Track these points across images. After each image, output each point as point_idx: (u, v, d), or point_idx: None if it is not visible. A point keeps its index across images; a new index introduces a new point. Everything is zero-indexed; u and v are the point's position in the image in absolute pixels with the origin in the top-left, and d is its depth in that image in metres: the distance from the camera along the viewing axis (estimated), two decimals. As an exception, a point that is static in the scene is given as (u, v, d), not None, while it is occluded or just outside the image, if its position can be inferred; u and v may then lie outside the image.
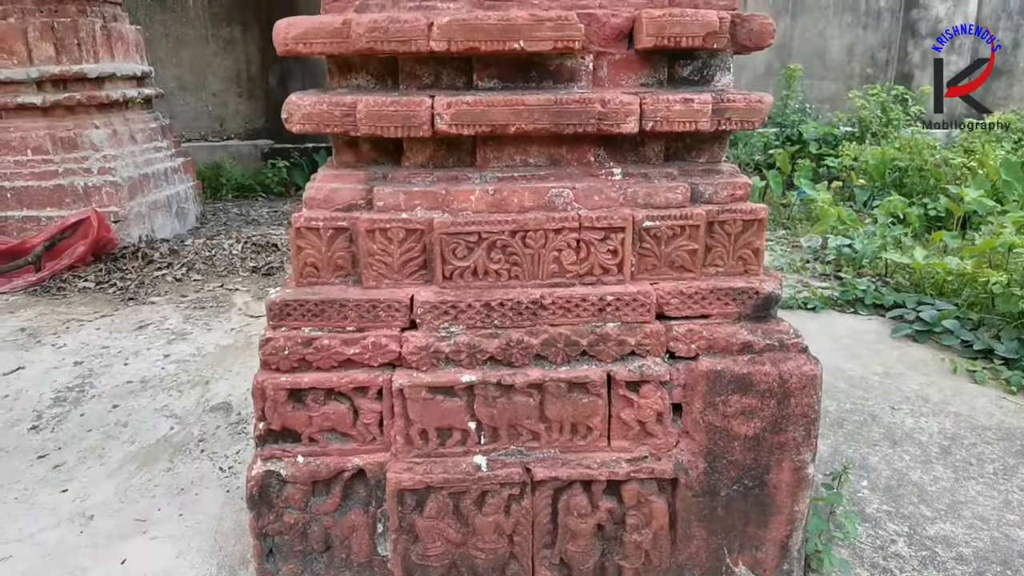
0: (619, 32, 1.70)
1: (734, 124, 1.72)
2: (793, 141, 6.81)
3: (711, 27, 1.64)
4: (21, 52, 4.83)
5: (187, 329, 3.76)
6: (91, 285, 4.46)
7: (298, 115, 1.67)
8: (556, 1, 1.67)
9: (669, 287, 1.79)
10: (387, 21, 1.58)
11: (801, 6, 7.25)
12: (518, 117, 1.65)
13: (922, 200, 5.49)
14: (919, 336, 3.66)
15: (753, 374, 1.77)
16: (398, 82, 1.75)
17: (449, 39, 1.59)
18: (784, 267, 4.72)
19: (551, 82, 1.74)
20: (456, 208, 1.74)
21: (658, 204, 1.77)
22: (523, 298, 1.75)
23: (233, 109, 7.16)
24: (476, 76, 1.72)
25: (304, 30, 1.62)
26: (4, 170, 4.92)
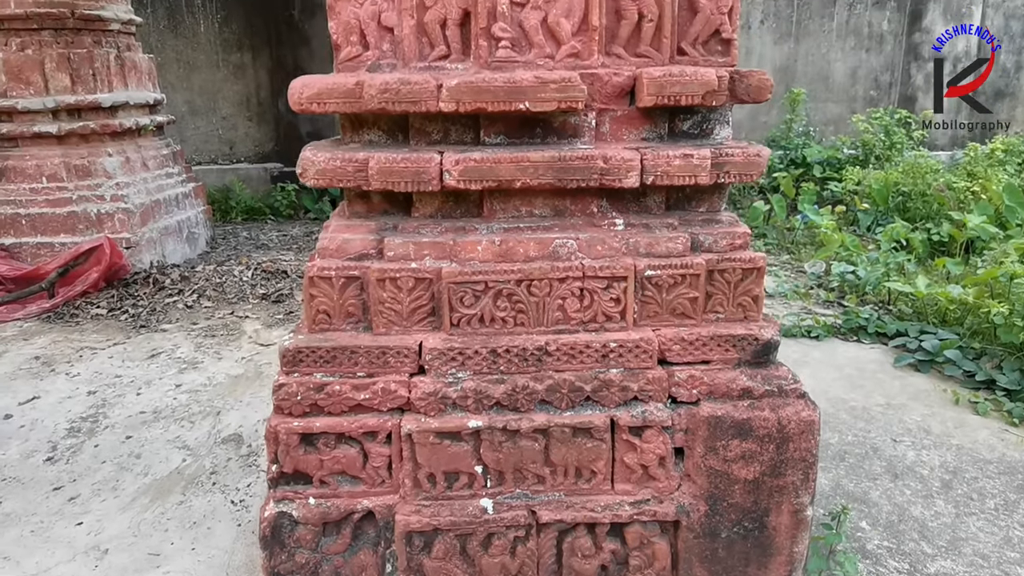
0: (621, 90, 1.77)
1: (733, 177, 1.78)
2: (797, 164, 6.87)
3: (710, 86, 1.70)
4: (38, 83, 4.94)
5: (198, 358, 3.82)
6: (103, 312, 4.53)
7: (312, 170, 1.73)
8: (559, 61, 1.74)
9: (671, 333, 1.84)
10: (398, 83, 1.65)
11: (804, 30, 7.33)
12: (523, 173, 1.71)
13: (925, 225, 5.53)
14: (921, 366, 3.69)
15: (752, 419, 1.81)
16: (408, 137, 1.81)
17: (458, 100, 1.65)
18: (788, 293, 4.76)
19: (555, 137, 1.80)
20: (463, 258, 1.79)
21: (659, 253, 1.82)
22: (528, 345, 1.80)
23: (243, 133, 7.27)
24: (483, 132, 1.78)
25: (318, 90, 1.69)
26: (20, 197, 5.01)
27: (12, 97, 4.95)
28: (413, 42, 1.73)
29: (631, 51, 1.77)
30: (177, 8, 6.98)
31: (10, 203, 5.01)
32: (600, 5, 1.70)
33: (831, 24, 7.36)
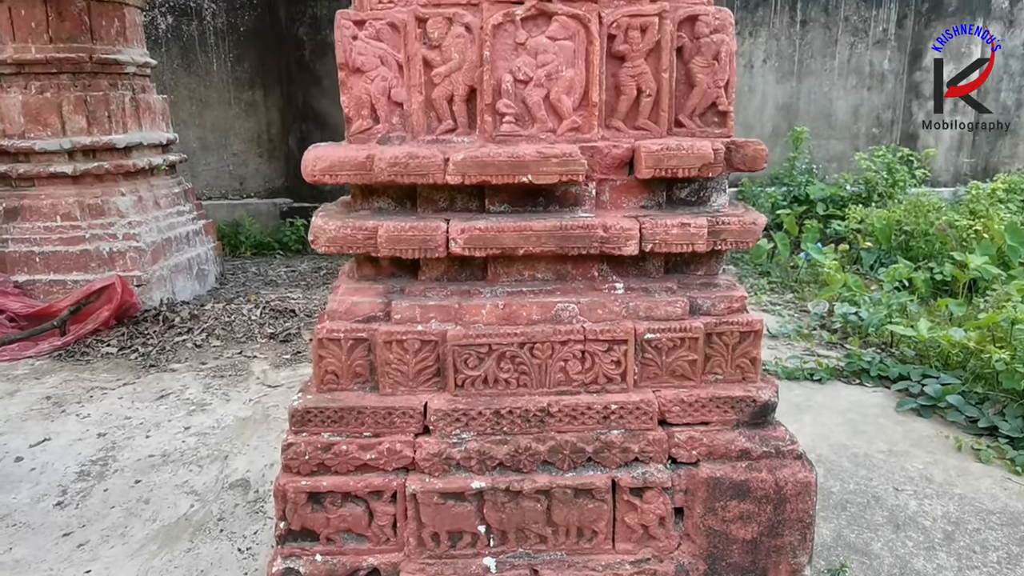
0: (620, 161, 1.83)
1: (729, 244, 1.84)
2: (800, 201, 6.94)
3: (706, 159, 1.76)
4: (55, 124, 5.07)
5: (206, 399, 3.87)
6: (114, 350, 4.59)
7: (323, 238, 1.80)
8: (561, 135, 1.80)
9: (671, 395, 1.88)
10: (407, 157, 1.72)
11: (806, 69, 7.44)
12: (526, 241, 1.77)
13: (928, 264, 5.56)
14: (924, 411, 3.71)
15: (750, 481, 1.85)
16: (416, 205, 1.88)
17: (463, 173, 1.72)
18: (791, 334, 4.79)
19: (557, 206, 1.86)
20: (468, 321, 1.85)
21: (659, 317, 1.87)
22: (531, 406, 1.84)
23: (253, 168, 7.40)
24: (488, 200, 1.85)
25: (330, 163, 1.76)
26: (34, 235, 5.11)
27: (30, 138, 5.07)
28: (421, 116, 1.80)
29: (630, 124, 1.84)
30: (191, 48, 7.15)
31: (25, 241, 5.11)
32: (600, 83, 1.77)
33: (833, 63, 7.47)
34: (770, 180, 7.30)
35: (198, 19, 7.09)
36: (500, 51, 1.76)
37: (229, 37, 7.10)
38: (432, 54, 1.77)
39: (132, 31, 5.39)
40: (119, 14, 5.25)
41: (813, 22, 7.38)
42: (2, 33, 5.07)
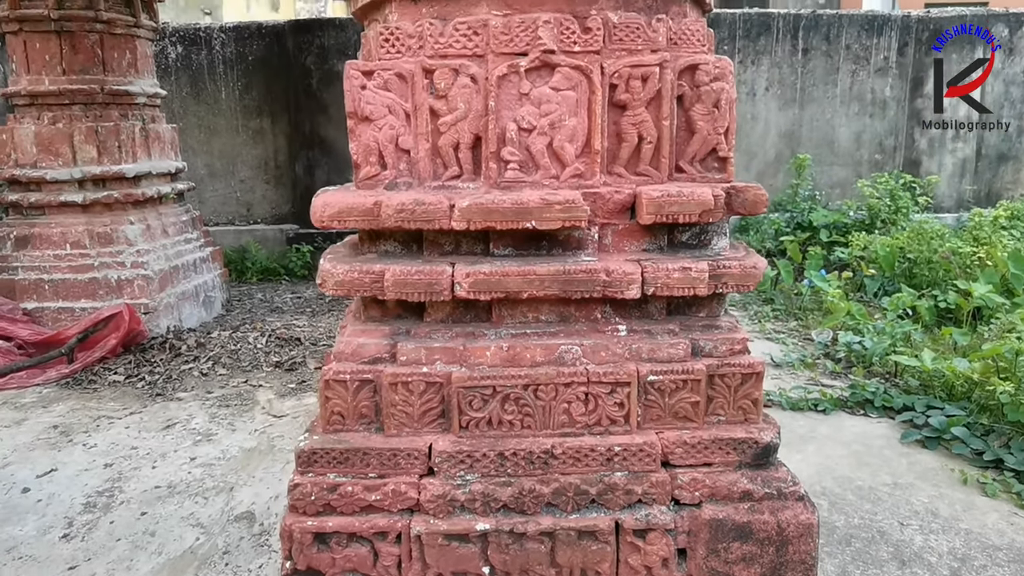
0: (622, 206, 1.87)
1: (730, 288, 1.86)
2: (803, 228, 6.97)
3: (706, 205, 1.79)
4: (67, 154, 5.14)
5: (212, 429, 3.89)
6: (121, 378, 4.62)
7: (331, 281, 1.83)
8: (564, 181, 1.84)
9: (673, 436, 1.90)
10: (413, 203, 1.76)
11: (809, 96, 7.51)
12: (530, 285, 1.80)
13: (932, 292, 5.57)
14: (928, 442, 3.70)
15: (753, 523, 1.85)
16: (422, 248, 1.91)
17: (468, 220, 1.75)
18: (795, 363, 4.79)
19: (560, 249, 1.89)
20: (473, 362, 1.87)
21: (661, 359, 1.89)
22: (535, 448, 1.86)
23: (260, 195, 7.47)
24: (493, 244, 1.88)
25: (339, 209, 1.80)
26: (44, 263, 5.16)
27: (42, 168, 5.15)
28: (428, 163, 1.85)
29: (631, 170, 1.88)
30: (200, 76, 7.26)
31: (35, 269, 5.16)
32: (602, 131, 1.81)
33: (835, 91, 7.54)
34: (774, 206, 7.34)
35: (207, 48, 7.21)
36: (505, 101, 1.81)
37: (238, 66, 7.21)
38: (439, 104, 1.81)
39: (143, 62, 5.48)
40: (131, 46, 5.35)
41: (815, 50, 7.46)
42: (17, 65, 5.17)
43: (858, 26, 7.46)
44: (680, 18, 1.88)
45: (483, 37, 1.78)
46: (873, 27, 7.48)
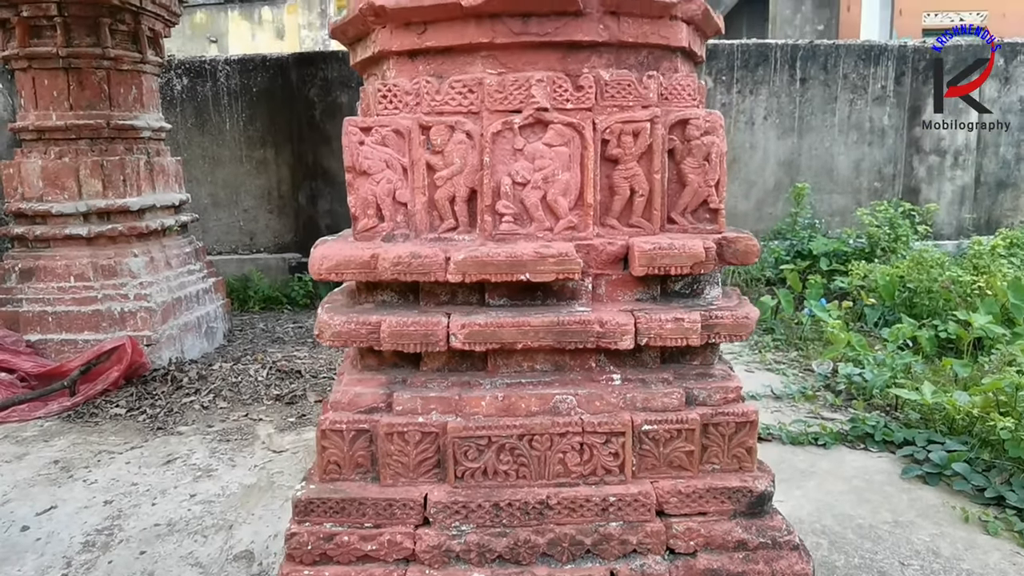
0: (615, 257, 1.89)
1: (722, 338, 1.88)
2: (803, 256, 6.99)
3: (697, 258, 1.82)
4: (72, 188, 5.21)
5: (212, 465, 3.89)
6: (122, 411, 4.64)
7: (328, 333, 1.86)
8: (558, 234, 1.87)
9: (668, 486, 1.91)
10: (410, 256, 1.79)
11: (807, 125, 7.57)
12: (525, 336, 1.82)
13: (932, 322, 5.57)
14: (929, 478, 3.68)
15: (747, 573, 1.86)
16: (418, 298, 1.94)
17: (463, 272, 1.78)
18: (795, 395, 4.79)
19: (555, 300, 1.92)
20: (468, 412, 1.89)
21: (656, 408, 1.91)
22: (530, 498, 1.87)
23: (263, 224, 7.53)
24: (488, 295, 1.91)
25: (336, 262, 1.83)
26: (48, 295, 5.20)
27: (48, 201, 5.22)
28: (424, 216, 1.88)
29: (624, 222, 1.91)
30: (205, 108, 7.36)
31: (39, 301, 5.20)
32: (594, 184, 1.84)
33: (833, 119, 7.60)
34: (773, 234, 7.37)
35: (212, 81, 7.31)
36: (499, 156, 1.84)
37: (242, 98, 7.31)
38: (435, 159, 1.85)
39: (148, 97, 5.57)
40: (136, 81, 5.44)
41: (812, 80, 7.54)
42: (25, 101, 5.26)
43: (855, 56, 7.54)
44: (671, 73, 1.92)
45: (478, 95, 1.82)
46: (870, 57, 7.56)
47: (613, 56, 1.84)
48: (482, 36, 1.77)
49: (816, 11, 14.53)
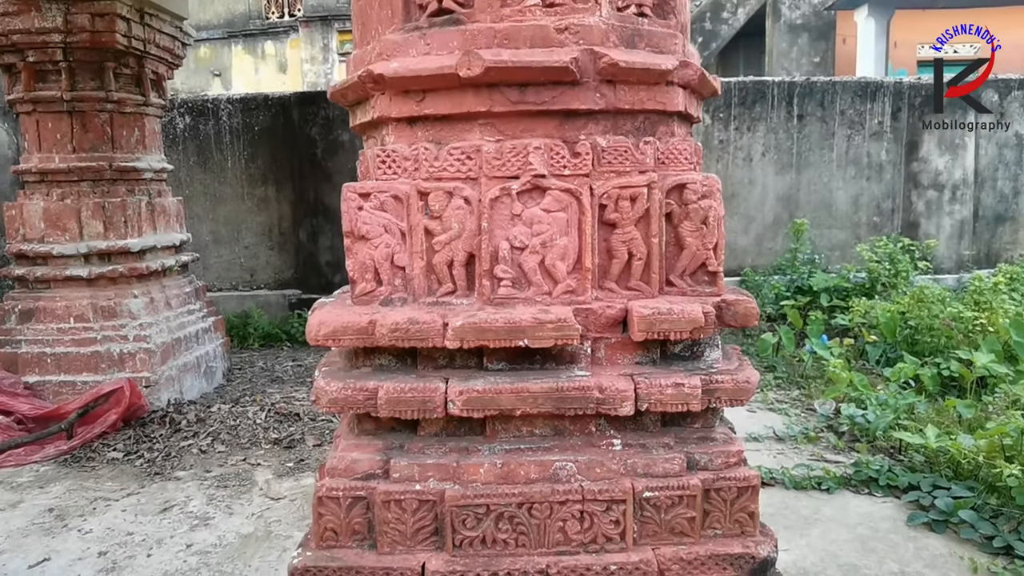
0: (614, 321, 1.89)
1: (723, 403, 1.87)
2: (804, 292, 6.98)
3: (696, 323, 1.81)
4: (73, 229, 5.22)
5: (209, 513, 3.85)
6: (119, 455, 4.60)
7: (325, 399, 1.84)
8: (556, 298, 1.87)
9: (670, 553, 1.88)
10: (407, 323, 1.78)
11: (805, 161, 7.62)
12: (523, 403, 1.81)
13: (935, 360, 5.54)
14: (936, 526, 3.63)
15: (753, 644, 1.82)
16: (416, 362, 1.93)
17: (462, 338, 1.77)
18: (798, 436, 4.75)
19: (554, 364, 1.91)
20: (466, 480, 1.87)
21: (657, 474, 1.88)
22: (530, 567, 1.84)
23: (264, 261, 7.55)
24: (486, 359, 1.90)
25: (334, 329, 1.82)
26: (47, 337, 5.19)
27: (49, 243, 5.23)
28: (423, 280, 1.88)
29: (623, 285, 1.90)
30: (207, 146, 7.42)
31: (38, 342, 5.19)
32: (592, 249, 1.84)
33: (831, 155, 7.65)
34: (773, 270, 7.38)
35: (215, 119, 7.39)
36: (497, 221, 1.84)
37: (244, 136, 7.38)
38: (433, 224, 1.85)
39: (151, 138, 5.62)
40: (139, 123, 5.49)
41: (810, 116, 7.60)
42: (29, 143, 5.30)
43: (852, 92, 7.62)
44: (668, 137, 1.93)
45: (476, 161, 1.83)
46: (867, 93, 7.64)
47: (610, 123, 1.85)
48: (480, 105, 1.78)
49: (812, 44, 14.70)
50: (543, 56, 1.71)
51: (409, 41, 1.83)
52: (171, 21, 5.62)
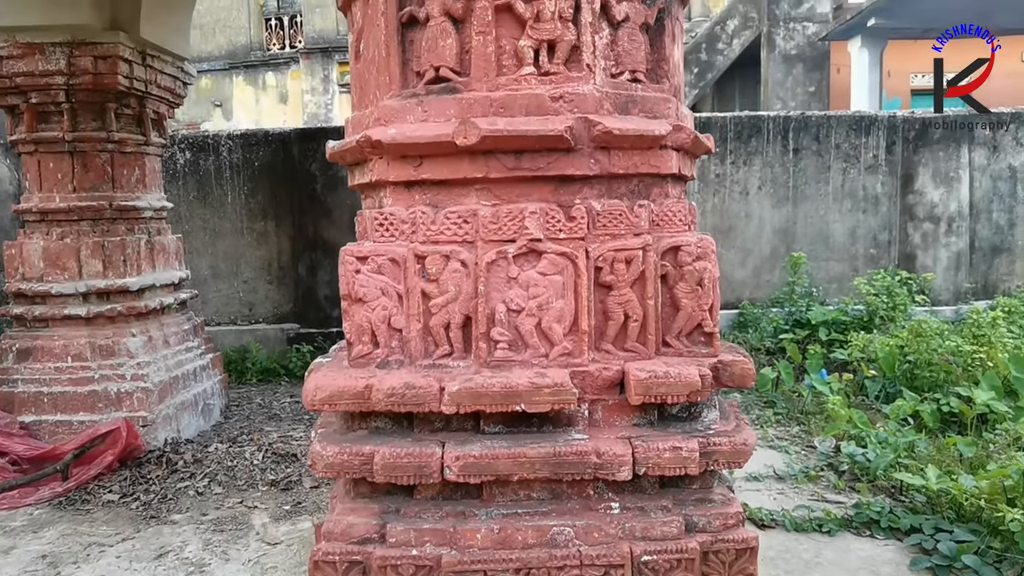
0: (610, 383, 1.89)
1: (721, 465, 1.86)
2: (802, 325, 6.99)
3: (693, 387, 1.81)
4: (73, 268, 5.23)
5: (205, 559, 3.80)
6: (115, 497, 4.56)
7: (321, 464, 1.84)
8: (553, 360, 1.87)
9: (669, 618, 1.86)
10: (404, 387, 1.78)
11: (802, 194, 7.67)
12: (520, 468, 1.80)
13: (934, 395, 5.53)
14: (939, 571, 3.59)
15: None
16: (413, 425, 1.93)
17: (458, 403, 1.77)
18: (798, 476, 4.72)
19: (551, 426, 1.90)
20: (463, 545, 1.85)
21: (655, 537, 1.87)
22: (527, 634, 1.82)
23: (263, 295, 7.56)
24: (483, 422, 1.90)
25: (330, 393, 1.82)
26: (44, 376, 5.17)
27: (48, 282, 5.23)
28: (419, 342, 1.88)
29: (619, 346, 1.91)
30: (207, 181, 7.47)
31: (35, 381, 5.17)
32: (588, 311, 1.85)
33: (827, 188, 7.71)
34: (771, 303, 7.39)
35: (215, 154, 7.44)
36: (494, 284, 1.86)
37: (244, 171, 7.43)
38: (430, 287, 1.86)
39: (151, 177, 5.65)
40: (140, 163, 5.53)
41: (805, 150, 7.67)
42: (30, 183, 5.33)
43: (846, 126, 7.69)
44: (662, 199, 1.95)
45: (473, 225, 1.84)
46: (861, 127, 7.71)
47: (605, 186, 1.87)
48: (476, 171, 1.80)
49: (807, 74, 14.87)
50: (538, 125, 1.74)
51: (407, 108, 1.86)
52: (173, 61, 5.68)
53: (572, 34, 1.79)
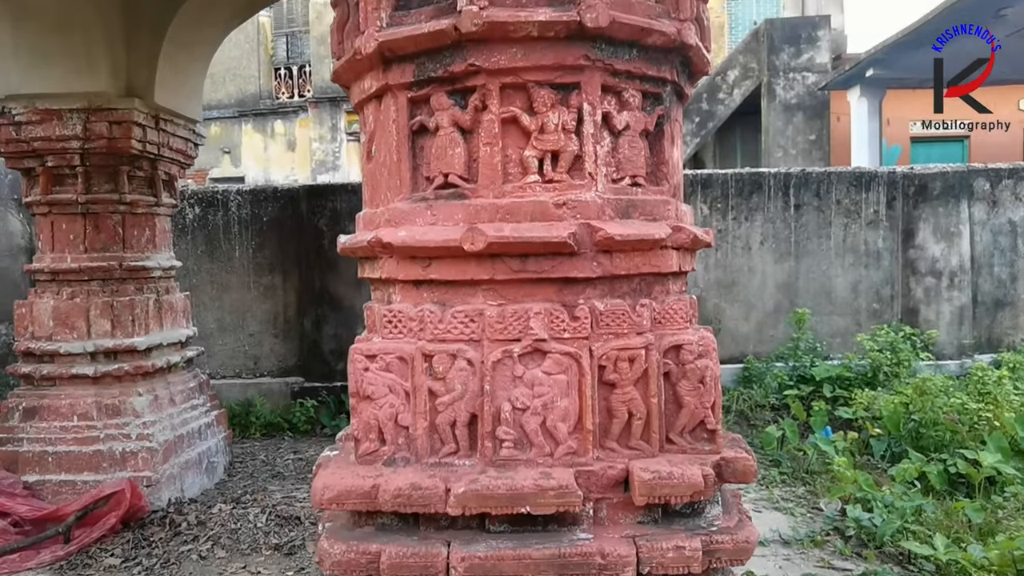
0: (615, 481, 1.91)
1: (723, 563, 1.87)
2: (806, 380, 6.99)
3: (697, 487, 1.84)
4: (81, 328, 5.29)
5: (206, 632, 3.77)
6: (117, 562, 4.54)
7: (328, 562, 1.85)
8: (558, 459, 1.90)
9: None
10: (410, 488, 1.81)
11: (804, 249, 7.74)
12: (526, 569, 1.81)
13: (940, 456, 5.50)
14: (949, 646, 3.55)
15: None
16: (419, 523, 1.94)
17: (464, 506, 1.80)
18: (804, 540, 4.68)
19: (556, 526, 1.92)
20: (469, 644, 1.85)
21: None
22: None
23: (268, 349, 7.60)
24: (488, 521, 1.91)
25: (338, 493, 1.84)
26: (50, 435, 5.19)
27: (56, 341, 5.29)
28: (426, 440, 1.91)
29: (623, 444, 1.93)
30: (215, 235, 7.58)
31: (40, 441, 5.18)
32: (592, 410, 1.88)
33: (829, 243, 7.77)
34: (775, 357, 7.40)
35: (224, 210, 7.57)
36: (499, 382, 1.89)
37: (252, 226, 7.54)
38: (437, 384, 1.90)
39: (161, 237, 5.75)
40: (150, 223, 5.63)
41: (806, 205, 7.76)
42: (43, 243, 5.42)
43: (847, 182, 7.80)
44: (663, 296, 2.00)
45: (479, 324, 1.89)
46: (861, 183, 7.81)
47: (607, 287, 1.92)
48: (483, 273, 1.86)
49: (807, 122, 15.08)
50: (543, 231, 1.80)
51: (416, 211, 1.92)
52: (185, 124, 5.83)
53: (575, 144, 1.86)
